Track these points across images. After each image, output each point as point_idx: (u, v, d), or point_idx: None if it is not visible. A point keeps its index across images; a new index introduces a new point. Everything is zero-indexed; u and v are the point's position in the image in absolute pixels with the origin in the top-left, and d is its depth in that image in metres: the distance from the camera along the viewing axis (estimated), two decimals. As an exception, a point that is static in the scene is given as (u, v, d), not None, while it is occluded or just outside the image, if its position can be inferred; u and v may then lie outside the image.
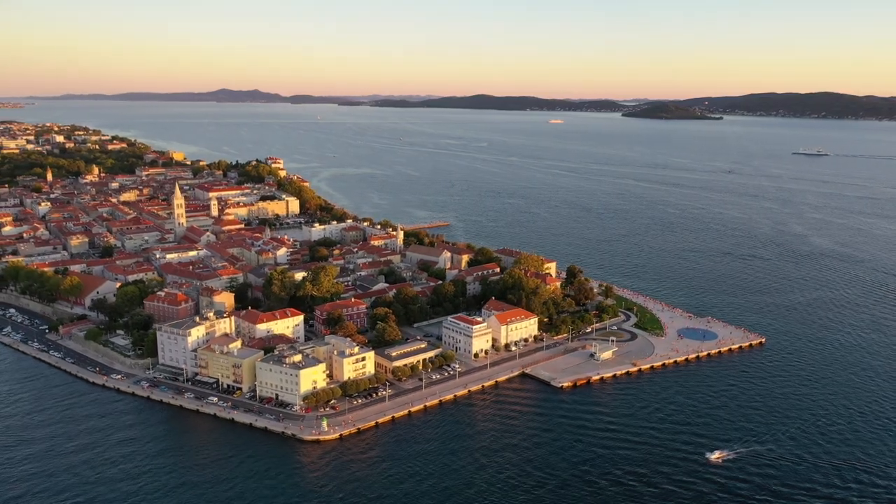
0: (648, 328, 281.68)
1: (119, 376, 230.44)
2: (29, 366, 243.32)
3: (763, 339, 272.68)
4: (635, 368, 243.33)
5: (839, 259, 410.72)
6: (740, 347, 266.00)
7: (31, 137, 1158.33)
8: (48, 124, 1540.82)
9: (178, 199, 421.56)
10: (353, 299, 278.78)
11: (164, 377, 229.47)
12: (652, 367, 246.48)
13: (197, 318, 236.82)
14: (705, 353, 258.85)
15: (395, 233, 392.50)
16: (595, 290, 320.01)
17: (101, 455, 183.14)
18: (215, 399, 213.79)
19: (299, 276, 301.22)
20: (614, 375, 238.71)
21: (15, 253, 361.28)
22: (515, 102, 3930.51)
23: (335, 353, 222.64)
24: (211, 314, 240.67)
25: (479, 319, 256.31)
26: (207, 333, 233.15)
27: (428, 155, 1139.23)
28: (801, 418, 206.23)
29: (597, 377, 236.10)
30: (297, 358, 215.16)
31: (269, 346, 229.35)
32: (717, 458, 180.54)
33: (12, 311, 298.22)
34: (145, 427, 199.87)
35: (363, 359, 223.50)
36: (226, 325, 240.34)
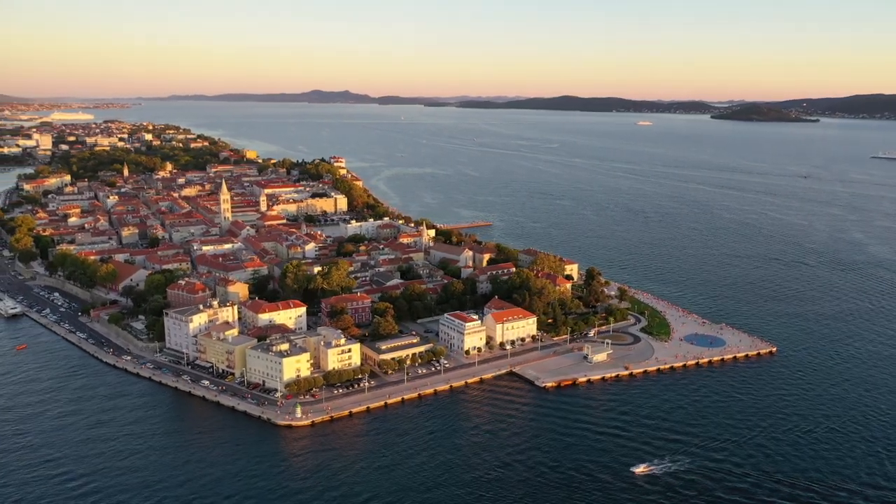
0: (654, 332, 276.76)
1: (129, 357, 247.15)
2: (57, 346, 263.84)
3: (774, 349, 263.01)
4: (626, 372, 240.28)
5: (893, 270, 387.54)
6: (746, 356, 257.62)
7: (125, 136, 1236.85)
8: (144, 123, 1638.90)
9: (225, 195, 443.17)
10: (359, 294, 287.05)
11: (169, 360, 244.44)
12: (646, 371, 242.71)
13: (201, 306, 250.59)
14: (706, 360, 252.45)
15: (421, 231, 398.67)
16: (612, 293, 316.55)
17: (83, 421, 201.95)
18: (207, 382, 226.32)
19: (317, 269, 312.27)
20: (603, 378, 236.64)
21: (72, 242, 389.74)
22: (600, 104, 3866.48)
23: (322, 343, 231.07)
24: (215, 302, 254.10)
25: (474, 317, 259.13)
26: (210, 320, 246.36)
27: (494, 155, 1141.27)
28: (763, 434, 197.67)
29: (583, 379, 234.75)
30: (284, 347, 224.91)
31: (265, 335, 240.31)
32: (642, 471, 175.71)
33: (56, 294, 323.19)
34: (137, 403, 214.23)
35: (349, 350, 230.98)
36: (228, 314, 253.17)
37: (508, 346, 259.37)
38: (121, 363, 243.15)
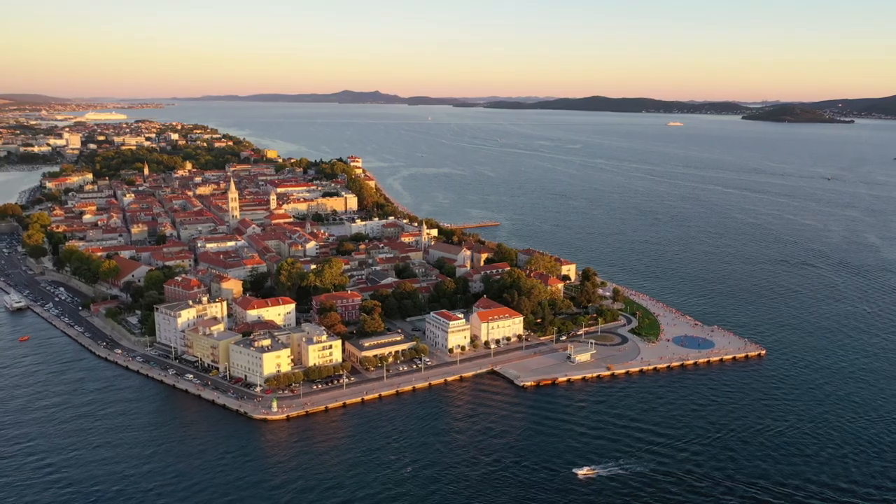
0: (643, 333, 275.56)
1: (120, 351, 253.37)
2: (56, 339, 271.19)
3: (763, 352, 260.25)
4: (608, 373, 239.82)
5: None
6: (734, 359, 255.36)
7: (152, 135, 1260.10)
8: (173, 123, 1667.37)
9: (233, 194, 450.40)
10: (350, 291, 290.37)
11: (158, 354, 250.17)
12: (628, 372, 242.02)
13: (190, 302, 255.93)
14: (692, 361, 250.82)
15: (420, 230, 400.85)
16: (607, 294, 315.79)
17: (68, 407, 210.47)
18: (191, 376, 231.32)
19: (313, 267, 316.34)
20: (584, 378, 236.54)
21: (83, 238, 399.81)
22: (631, 104, 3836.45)
23: (304, 339, 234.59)
24: (205, 298, 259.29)
25: (459, 316, 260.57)
26: (199, 316, 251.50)
27: (514, 156, 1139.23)
28: (732, 436, 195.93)
29: (563, 378, 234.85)
30: (266, 342, 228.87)
31: (251, 331, 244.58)
32: (584, 473, 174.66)
33: (61, 289, 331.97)
34: (123, 396, 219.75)
35: (329, 347, 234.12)
36: (217, 310, 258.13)
37: (493, 345, 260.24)
38: (112, 357, 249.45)
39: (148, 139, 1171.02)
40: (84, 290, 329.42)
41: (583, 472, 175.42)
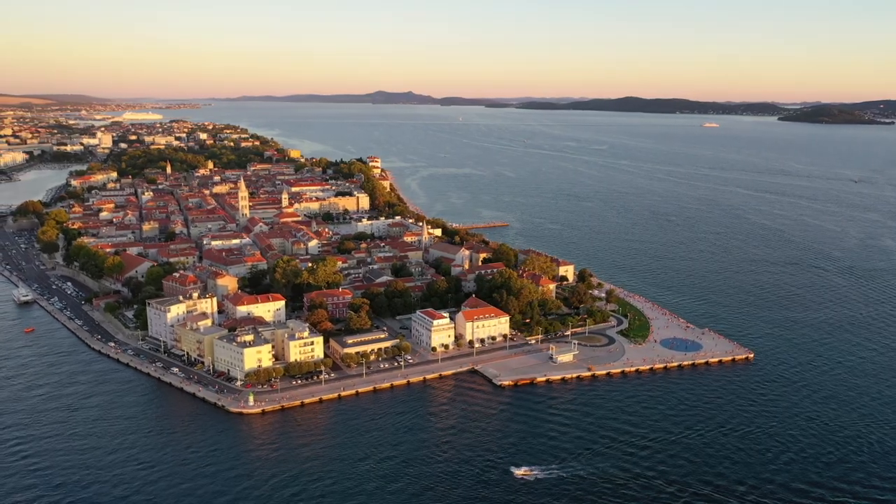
0: (631, 335, 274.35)
1: (113, 344, 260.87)
2: (56, 332, 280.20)
3: (751, 355, 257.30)
4: (588, 373, 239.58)
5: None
6: (720, 362, 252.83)
7: (183, 135, 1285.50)
8: (205, 123, 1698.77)
9: (243, 192, 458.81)
10: (341, 289, 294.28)
11: (149, 348, 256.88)
12: (609, 373, 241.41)
13: (180, 297, 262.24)
14: (676, 364, 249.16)
15: (421, 230, 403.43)
16: (602, 295, 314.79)
17: (53, 397, 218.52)
18: (177, 370, 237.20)
19: (310, 265, 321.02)
20: (563, 378, 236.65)
21: (95, 235, 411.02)
22: (665, 105, 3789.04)
23: (286, 335, 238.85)
24: (195, 294, 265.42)
25: (444, 315, 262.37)
26: (188, 311, 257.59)
27: (537, 157, 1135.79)
28: (699, 438, 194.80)
29: (542, 378, 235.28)
30: (249, 338, 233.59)
31: (239, 326, 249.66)
32: (521, 473, 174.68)
33: (69, 284, 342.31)
34: (110, 388, 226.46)
35: (311, 343, 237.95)
36: (207, 305, 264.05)
37: (478, 345, 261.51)
38: (105, 349, 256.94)
39: (178, 139, 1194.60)
40: (90, 284, 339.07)
41: (520, 471, 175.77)
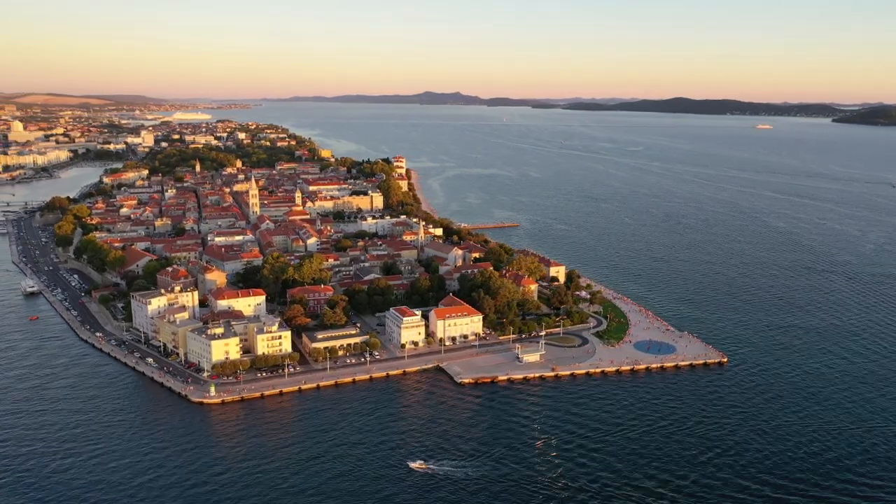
0: (606, 337, 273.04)
1: (100, 334, 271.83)
2: (53, 320, 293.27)
3: (725, 359, 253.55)
4: (552, 374, 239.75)
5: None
6: (691, 365, 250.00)
7: (223, 135, 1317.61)
8: (248, 123, 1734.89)
9: (253, 190, 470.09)
10: (322, 286, 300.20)
11: (132, 339, 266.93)
12: (573, 374, 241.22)
13: (162, 290, 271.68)
14: (644, 366, 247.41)
15: (418, 229, 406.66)
16: (587, 296, 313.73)
17: (27, 378, 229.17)
18: (151, 360, 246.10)
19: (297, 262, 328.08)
20: (525, 378, 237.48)
21: (108, 230, 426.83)
22: (714, 106, 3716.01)
23: (255, 329, 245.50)
24: (177, 287, 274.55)
25: (416, 312, 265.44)
26: (169, 304, 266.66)
27: (569, 158, 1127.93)
28: (632, 438, 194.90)
29: (504, 377, 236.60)
30: (219, 330, 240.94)
31: (208, 319, 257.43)
32: (417, 467, 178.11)
33: (76, 276, 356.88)
34: (86, 373, 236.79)
35: (279, 337, 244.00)
36: (188, 298, 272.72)
37: (448, 343, 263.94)
38: (91, 339, 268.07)
39: (217, 138, 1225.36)
40: (94, 277, 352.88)
41: (415, 464, 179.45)
